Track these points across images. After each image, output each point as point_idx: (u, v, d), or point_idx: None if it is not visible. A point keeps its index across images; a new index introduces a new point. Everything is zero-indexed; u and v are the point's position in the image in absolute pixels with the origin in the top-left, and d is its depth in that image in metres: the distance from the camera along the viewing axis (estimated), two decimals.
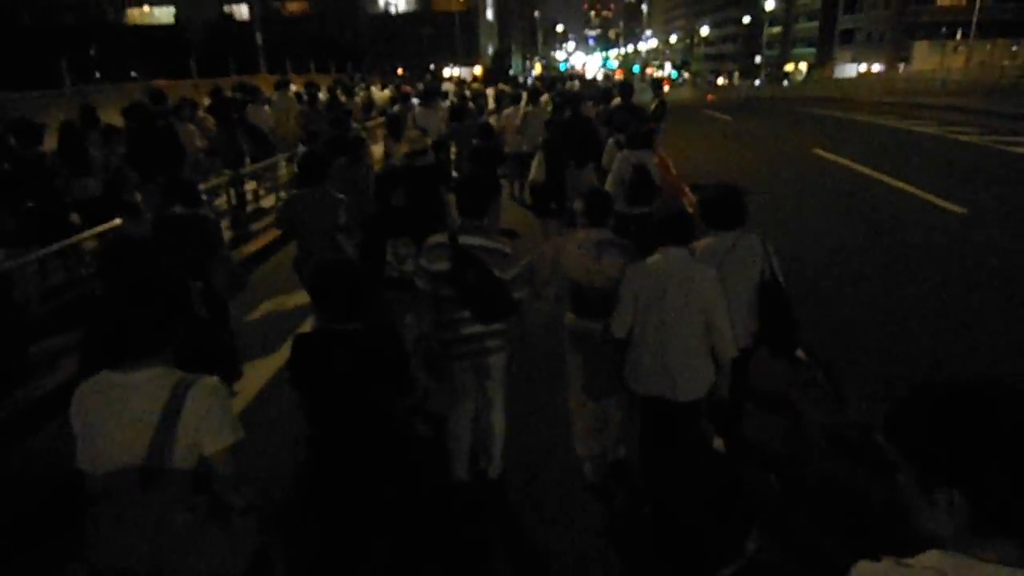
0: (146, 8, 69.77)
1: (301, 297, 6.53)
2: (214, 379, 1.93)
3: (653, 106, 11.67)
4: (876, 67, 59.32)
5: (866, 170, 12.20)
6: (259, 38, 21.01)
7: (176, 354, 1.98)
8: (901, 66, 54.29)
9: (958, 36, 50.58)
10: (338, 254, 4.52)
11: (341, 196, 4.85)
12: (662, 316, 2.97)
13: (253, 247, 8.56)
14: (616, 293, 3.10)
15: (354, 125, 9.86)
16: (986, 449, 1.02)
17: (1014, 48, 44.20)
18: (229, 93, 12.55)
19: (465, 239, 3.14)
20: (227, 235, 8.55)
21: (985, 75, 37.29)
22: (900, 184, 10.82)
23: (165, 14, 68.53)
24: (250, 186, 11.03)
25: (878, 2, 63.43)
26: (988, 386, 1.06)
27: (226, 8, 68.47)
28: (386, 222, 4.44)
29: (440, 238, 3.20)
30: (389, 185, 4.75)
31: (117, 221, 5.56)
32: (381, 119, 14.69)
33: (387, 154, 8.69)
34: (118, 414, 1.85)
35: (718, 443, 3.52)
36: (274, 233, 9.02)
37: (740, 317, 3.25)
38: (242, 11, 69.35)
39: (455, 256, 3.09)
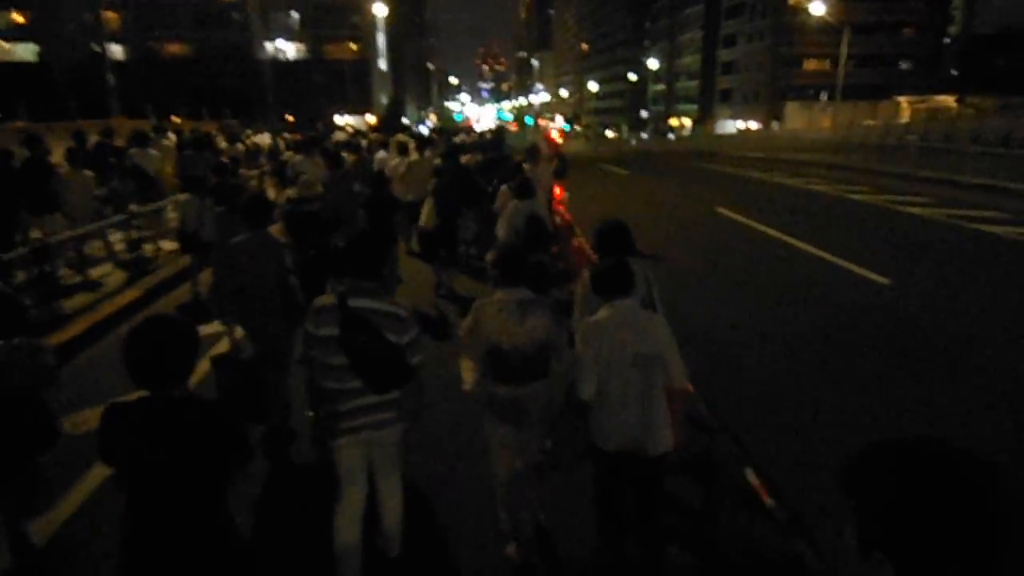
0: (4, 44, 64.13)
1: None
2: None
3: (553, 165, 10.96)
4: (753, 124, 63.10)
5: (773, 232, 11.83)
6: (111, 79, 18.97)
7: None
8: (775, 124, 57.87)
9: (823, 97, 54.67)
10: (290, 298, 4.44)
11: (285, 240, 4.74)
12: (625, 372, 2.94)
13: (67, 333, 6.71)
14: (539, 355, 3.12)
15: (242, 172, 9.93)
16: (915, 517, 0.96)
17: (878, 109, 48.02)
18: (95, 137, 11.98)
19: (355, 301, 2.91)
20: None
21: (851, 134, 40.01)
22: (813, 249, 10.39)
23: (27, 51, 63.20)
24: (95, 246, 9.41)
25: (752, 65, 67.96)
26: (943, 452, 1.00)
27: (96, 47, 64.18)
28: (326, 262, 4.61)
29: (327, 300, 2.98)
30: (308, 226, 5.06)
31: None
32: (255, 171, 14.61)
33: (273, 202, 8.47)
34: None
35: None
36: (100, 313, 7.39)
37: None
38: (114, 50, 65.26)
39: (345, 320, 2.86)
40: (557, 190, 10.43)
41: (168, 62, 62.63)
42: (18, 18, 63.56)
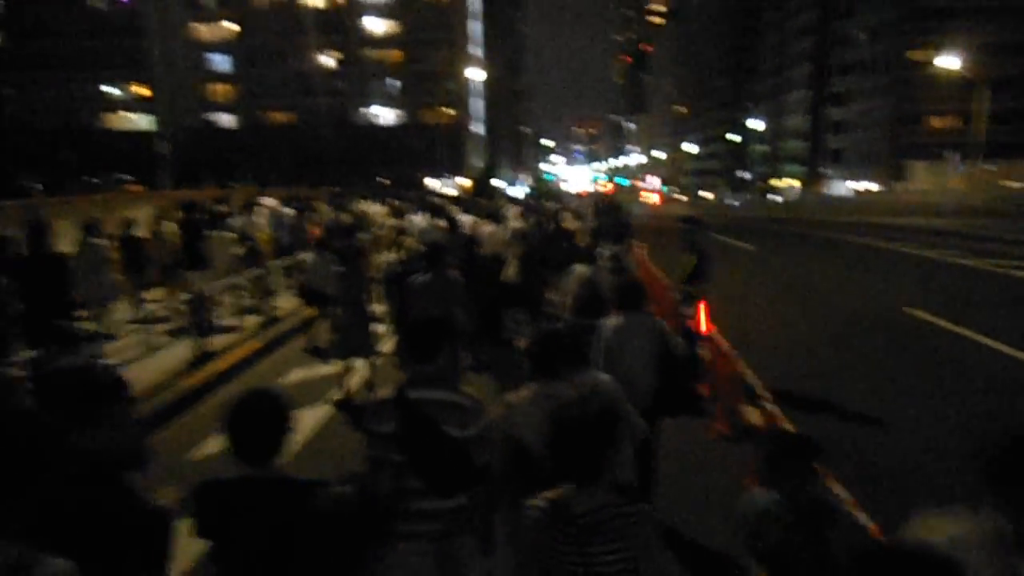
0: (130, 115, 68.61)
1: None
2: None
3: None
4: (873, 186, 58.32)
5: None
6: (165, 147, 18.00)
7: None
8: (897, 185, 53.23)
9: (954, 157, 49.60)
10: (454, 326, 4.68)
11: (458, 277, 6.04)
12: None
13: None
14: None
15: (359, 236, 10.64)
16: None
17: (1017, 169, 43.04)
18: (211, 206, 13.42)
19: (415, 393, 2.61)
20: None
21: (997, 198, 35.42)
22: None
23: (147, 121, 67.18)
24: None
25: (868, 123, 63.52)
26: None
27: (208, 116, 67.85)
28: (500, 298, 6.07)
29: (386, 392, 2.73)
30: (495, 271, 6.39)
31: None
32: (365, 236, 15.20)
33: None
34: None
35: None
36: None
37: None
38: (222, 119, 68.49)
39: (402, 416, 2.58)
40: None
41: (272, 129, 64.88)
42: (143, 91, 67.92)
